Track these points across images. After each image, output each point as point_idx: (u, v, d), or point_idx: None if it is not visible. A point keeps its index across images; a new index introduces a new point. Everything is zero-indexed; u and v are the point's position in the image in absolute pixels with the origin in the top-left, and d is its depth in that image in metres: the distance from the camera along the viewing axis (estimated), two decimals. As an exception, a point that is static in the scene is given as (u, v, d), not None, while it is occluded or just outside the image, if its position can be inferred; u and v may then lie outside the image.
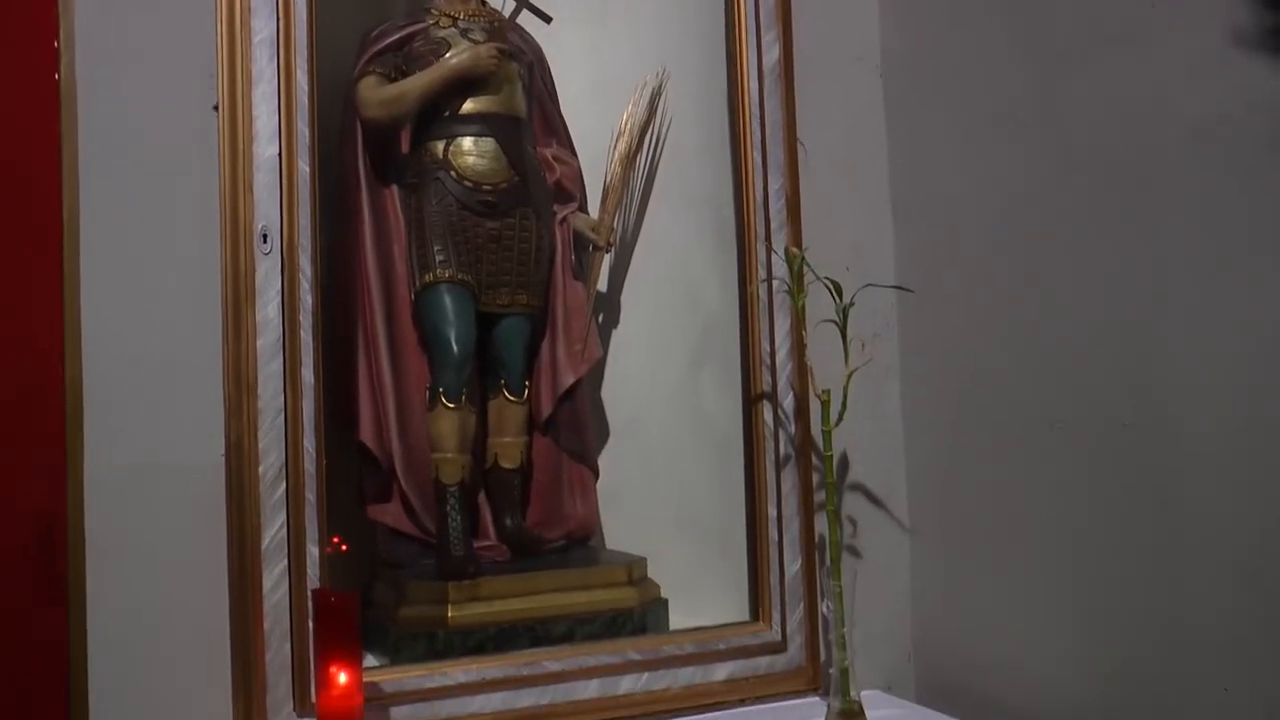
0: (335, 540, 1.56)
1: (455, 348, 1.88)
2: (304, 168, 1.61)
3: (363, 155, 1.94)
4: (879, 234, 2.02)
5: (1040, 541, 1.73)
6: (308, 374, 1.59)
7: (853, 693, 1.74)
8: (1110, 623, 1.61)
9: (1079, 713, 1.64)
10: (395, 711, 1.65)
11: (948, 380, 1.92)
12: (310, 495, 1.58)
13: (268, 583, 1.56)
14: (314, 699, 1.52)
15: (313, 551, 1.57)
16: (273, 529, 1.56)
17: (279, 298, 1.58)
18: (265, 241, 1.58)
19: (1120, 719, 1.58)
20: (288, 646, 1.57)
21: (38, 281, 1.52)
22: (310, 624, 1.54)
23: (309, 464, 1.58)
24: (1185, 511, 1.49)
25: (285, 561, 1.56)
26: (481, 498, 2.00)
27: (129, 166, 1.56)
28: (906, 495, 2.00)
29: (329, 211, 1.75)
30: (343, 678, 1.42)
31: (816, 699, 1.87)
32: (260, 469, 1.55)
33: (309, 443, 1.58)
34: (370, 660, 1.69)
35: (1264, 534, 1.39)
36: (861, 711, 1.74)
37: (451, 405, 1.86)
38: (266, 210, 1.59)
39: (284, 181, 1.60)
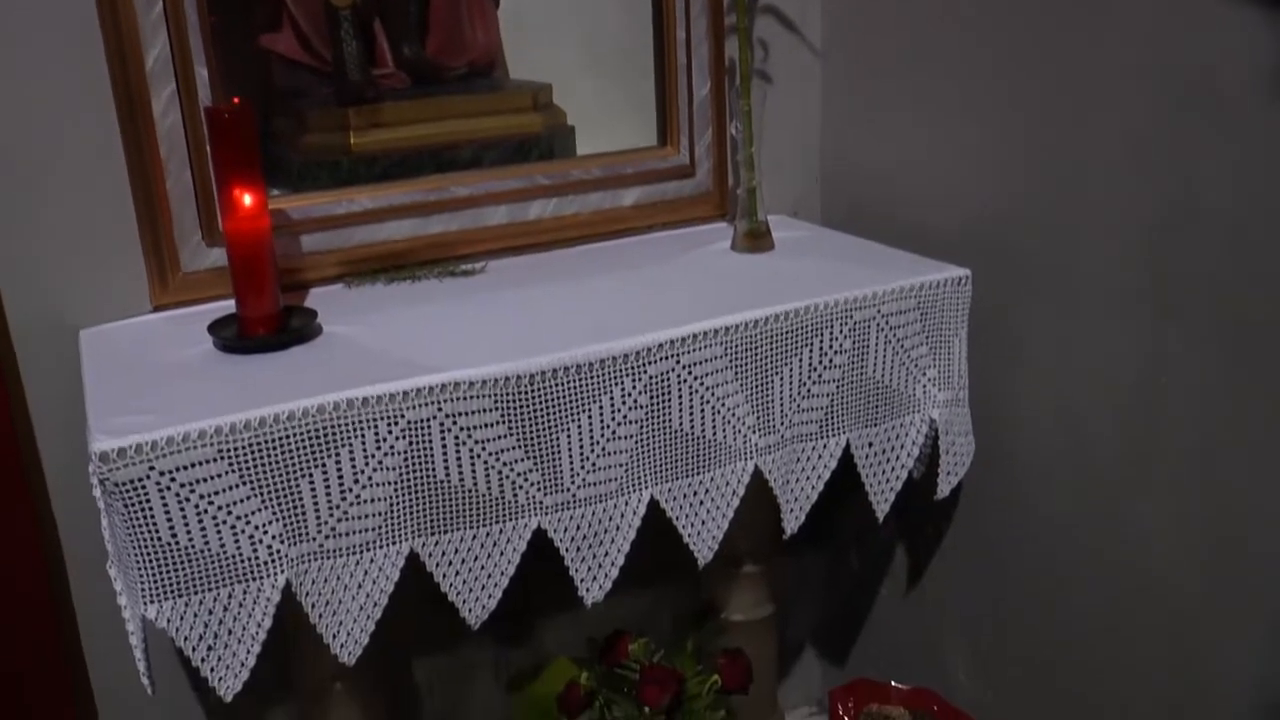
0: (235, 101, 1.46)
1: None
2: None
3: None
4: None
5: (954, 69, 1.70)
6: (168, -127, 1.44)
7: (759, 215, 1.77)
8: (1012, 151, 1.62)
9: (976, 232, 1.69)
10: (306, 239, 1.65)
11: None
12: (191, 13, 1.47)
13: (157, 108, 1.49)
14: (221, 226, 1.49)
15: (201, 73, 1.49)
16: (155, 49, 1.46)
17: None
18: None
19: (1018, 244, 1.63)
20: (188, 173, 1.53)
21: None
22: (207, 148, 1.49)
23: (184, -23, 1.46)
24: (1095, 41, 1.47)
25: (173, 84, 1.48)
26: (378, 26, 1.90)
27: None
28: (821, 18, 1.94)
29: None
30: (247, 199, 1.39)
31: (724, 224, 1.90)
32: (131, -16, 1.44)
33: (181, -47, 1.46)
34: (276, 193, 1.65)
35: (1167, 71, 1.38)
36: (768, 232, 1.78)
37: (336, -80, 1.72)
38: None
39: None
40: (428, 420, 1.30)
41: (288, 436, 1.24)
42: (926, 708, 1.80)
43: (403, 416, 1.29)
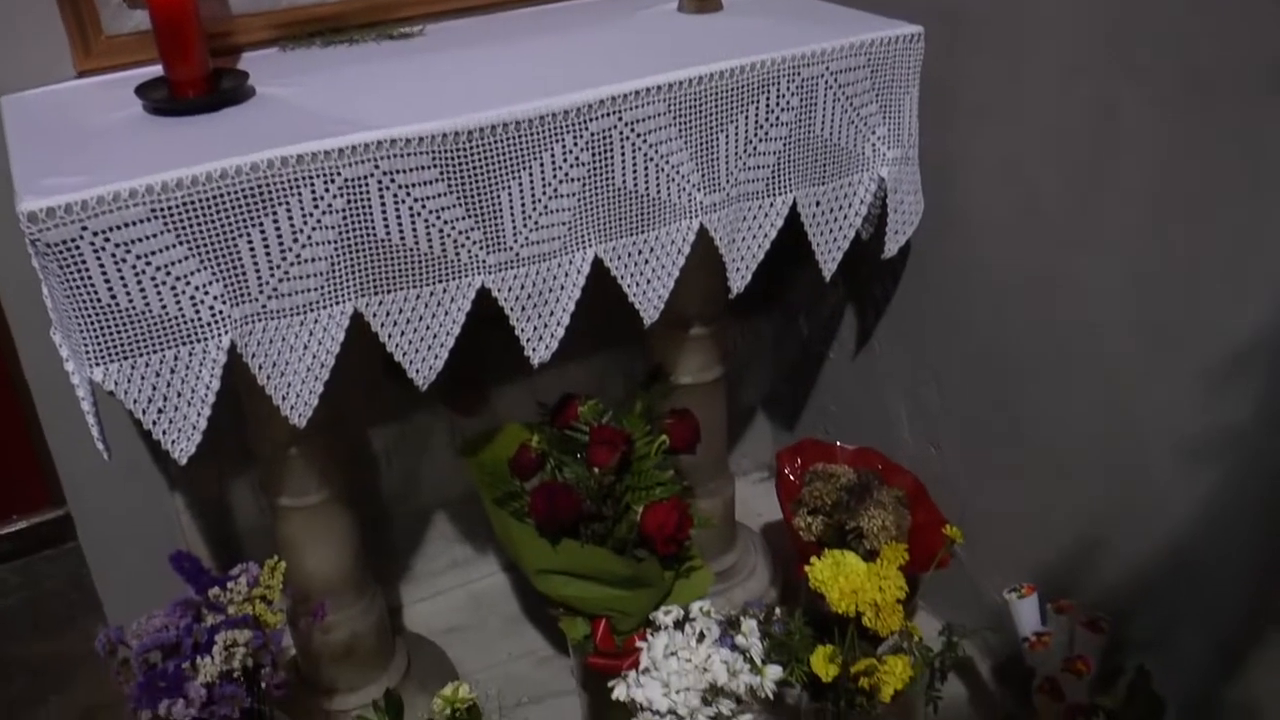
0: None
1: None
2: None
3: None
4: None
5: None
6: None
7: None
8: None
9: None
10: (234, 1, 1.59)
11: None
12: None
13: None
14: (143, -14, 1.44)
15: None
16: None
17: None
18: None
19: (972, 2, 1.60)
20: (103, -72, 1.47)
21: None
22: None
23: None
24: None
25: None
26: None
27: None
28: None
29: None
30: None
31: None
32: None
33: None
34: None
35: None
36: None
37: None
38: None
39: None
40: (365, 178, 1.28)
41: (222, 195, 1.22)
42: (870, 465, 1.85)
43: (339, 174, 1.27)
